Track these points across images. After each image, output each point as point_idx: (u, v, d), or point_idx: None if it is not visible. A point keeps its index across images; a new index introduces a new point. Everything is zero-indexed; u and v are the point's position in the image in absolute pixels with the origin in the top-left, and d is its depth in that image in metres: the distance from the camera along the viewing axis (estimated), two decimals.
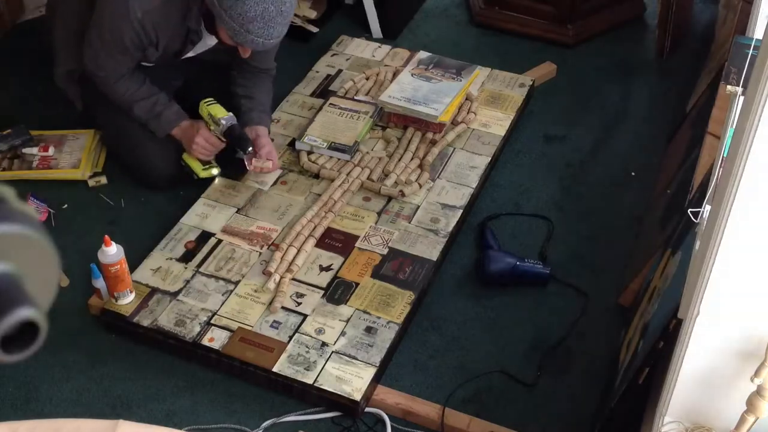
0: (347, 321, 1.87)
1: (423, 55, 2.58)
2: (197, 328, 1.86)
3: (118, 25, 2.01)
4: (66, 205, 2.23)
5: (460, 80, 2.47)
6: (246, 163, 2.16)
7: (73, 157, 2.32)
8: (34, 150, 2.33)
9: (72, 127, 2.41)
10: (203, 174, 2.21)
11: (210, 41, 2.17)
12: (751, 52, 1.49)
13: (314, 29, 2.86)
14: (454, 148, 2.35)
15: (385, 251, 2.04)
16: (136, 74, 2.15)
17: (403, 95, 2.38)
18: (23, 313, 0.47)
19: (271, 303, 1.90)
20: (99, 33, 2.06)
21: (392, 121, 2.39)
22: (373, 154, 2.30)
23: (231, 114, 2.13)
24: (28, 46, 2.78)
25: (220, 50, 2.21)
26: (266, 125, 2.24)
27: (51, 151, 2.33)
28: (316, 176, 2.25)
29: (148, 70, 2.21)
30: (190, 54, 2.22)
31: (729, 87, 1.36)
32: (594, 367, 1.87)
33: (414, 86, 2.42)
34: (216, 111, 2.13)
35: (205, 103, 2.15)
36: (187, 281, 1.96)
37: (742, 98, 1.28)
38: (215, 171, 2.21)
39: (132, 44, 2.04)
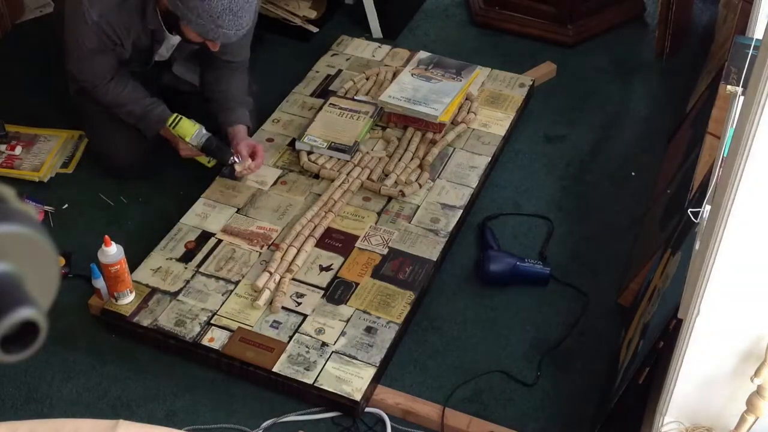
0: (347, 321, 1.87)
1: (423, 55, 2.58)
2: (197, 328, 1.86)
3: (79, 31, 2.03)
4: (66, 205, 2.23)
5: (460, 80, 2.47)
6: (234, 170, 2.17)
7: (37, 159, 2.34)
8: (2, 147, 2.36)
9: (62, 127, 2.44)
10: (210, 164, 2.22)
11: (174, 40, 2.17)
12: (751, 52, 1.48)
13: (314, 29, 2.86)
14: (454, 148, 2.35)
15: (385, 251, 2.04)
16: (121, 78, 2.16)
17: (403, 95, 2.38)
18: (23, 313, 0.47)
19: (271, 303, 1.90)
20: (68, 39, 2.09)
21: (392, 121, 2.39)
22: (373, 154, 2.30)
23: (199, 128, 2.14)
24: (28, 46, 2.78)
25: (192, 48, 2.22)
26: (245, 122, 2.24)
27: (18, 150, 2.35)
28: (316, 176, 2.25)
29: (142, 73, 2.23)
30: (163, 53, 2.23)
31: (729, 87, 1.36)
32: (594, 367, 1.87)
33: (414, 86, 2.42)
34: (184, 131, 2.13)
35: (170, 125, 2.14)
36: (187, 281, 1.96)
37: (742, 98, 1.28)
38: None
39: (97, 47, 2.05)
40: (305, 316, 1.88)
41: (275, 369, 1.78)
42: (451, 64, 2.53)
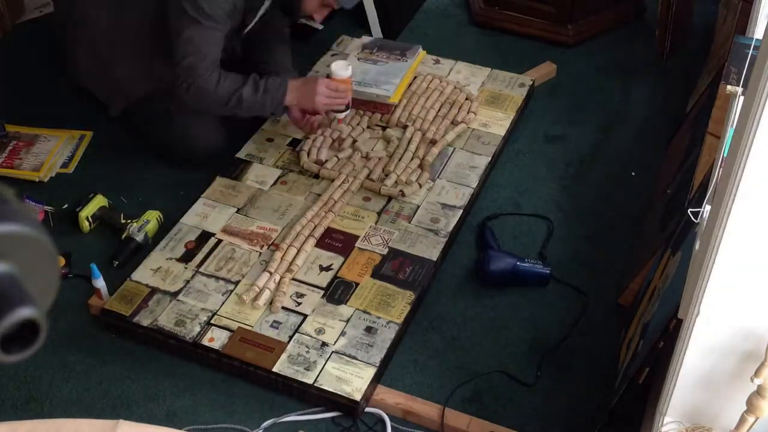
0: (347, 321, 1.87)
1: (366, 39, 2.65)
2: (197, 328, 1.86)
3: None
4: (66, 205, 2.23)
5: (406, 60, 2.52)
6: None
7: (37, 159, 2.34)
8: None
9: (62, 127, 2.44)
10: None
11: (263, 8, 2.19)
12: (751, 52, 1.48)
13: (319, 26, 2.86)
14: (454, 148, 2.35)
15: (385, 251, 2.04)
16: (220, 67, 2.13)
17: (353, 79, 2.40)
18: (23, 313, 0.47)
19: (271, 303, 1.90)
20: (193, 11, 2.00)
21: None
22: (373, 154, 2.30)
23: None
24: (28, 46, 2.79)
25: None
26: None
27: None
28: (316, 176, 2.25)
29: None
30: (249, 26, 2.24)
31: (729, 87, 1.36)
32: (594, 367, 1.87)
33: (362, 69, 2.47)
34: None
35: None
36: (187, 281, 1.96)
37: (742, 98, 1.28)
38: None
39: (228, 12, 2.05)
40: (305, 316, 1.88)
41: (275, 369, 1.78)
42: (395, 46, 2.60)
